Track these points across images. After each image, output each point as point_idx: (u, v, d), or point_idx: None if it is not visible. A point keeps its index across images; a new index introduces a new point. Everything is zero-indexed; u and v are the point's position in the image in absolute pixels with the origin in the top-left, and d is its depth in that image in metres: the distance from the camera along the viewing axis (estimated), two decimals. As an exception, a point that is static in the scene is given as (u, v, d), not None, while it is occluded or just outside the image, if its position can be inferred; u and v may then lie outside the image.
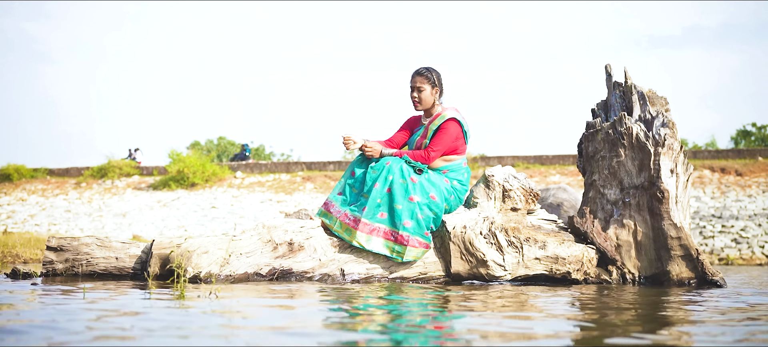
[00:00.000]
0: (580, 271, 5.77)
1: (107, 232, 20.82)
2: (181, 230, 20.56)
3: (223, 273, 5.10)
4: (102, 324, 2.83)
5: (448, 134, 5.75)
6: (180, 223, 21.38)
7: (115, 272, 5.26)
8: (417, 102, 5.81)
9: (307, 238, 5.43)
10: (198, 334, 2.62)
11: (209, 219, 21.58)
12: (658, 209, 5.81)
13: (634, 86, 6.15)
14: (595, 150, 6.11)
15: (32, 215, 23.46)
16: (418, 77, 5.81)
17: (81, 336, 2.52)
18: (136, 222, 21.77)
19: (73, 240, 5.28)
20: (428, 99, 5.80)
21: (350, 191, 5.65)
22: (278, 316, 3.26)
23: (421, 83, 5.78)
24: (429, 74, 5.80)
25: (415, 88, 5.79)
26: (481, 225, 5.62)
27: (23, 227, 21.91)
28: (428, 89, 5.78)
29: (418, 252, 5.50)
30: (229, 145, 39.52)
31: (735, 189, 19.72)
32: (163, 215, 22.32)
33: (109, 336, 2.55)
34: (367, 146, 5.67)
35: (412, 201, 5.51)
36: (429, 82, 5.78)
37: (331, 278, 5.41)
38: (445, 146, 5.74)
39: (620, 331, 2.99)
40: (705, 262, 5.77)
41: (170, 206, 23.40)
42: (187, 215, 22.16)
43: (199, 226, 20.91)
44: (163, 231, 20.56)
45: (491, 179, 5.84)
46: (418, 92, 5.80)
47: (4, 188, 26.72)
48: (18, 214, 23.69)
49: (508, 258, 5.62)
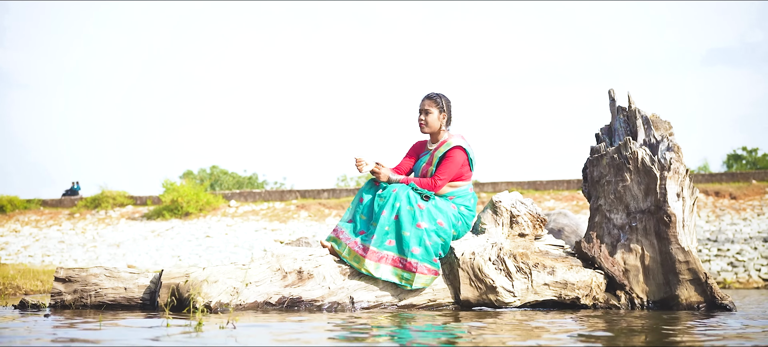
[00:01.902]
0: (588, 296, 5.76)
1: (101, 262, 20.71)
2: (175, 260, 20.47)
3: (234, 302, 5.07)
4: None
5: (454, 162, 5.75)
6: (174, 253, 21.30)
7: (123, 302, 5.22)
8: (423, 125, 5.83)
9: (316, 266, 5.41)
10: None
11: (204, 248, 21.51)
12: (665, 233, 5.81)
13: (638, 111, 6.17)
14: (601, 175, 6.11)
15: (26, 247, 23.35)
16: (427, 101, 5.83)
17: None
18: (130, 252, 21.68)
19: (82, 271, 5.25)
20: (435, 123, 5.81)
21: (359, 218, 5.64)
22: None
23: (429, 106, 5.80)
24: (438, 99, 5.82)
25: (423, 110, 5.82)
26: (490, 251, 5.61)
27: (17, 258, 21.80)
28: (436, 113, 5.80)
29: (427, 279, 5.48)
30: (222, 174, 39.45)
31: (730, 212, 19.79)
32: (158, 245, 22.25)
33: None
34: (378, 169, 5.68)
35: (420, 228, 5.50)
36: (437, 107, 5.80)
37: (341, 306, 5.39)
38: (452, 174, 5.75)
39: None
40: (714, 286, 5.76)
41: (164, 235, 23.32)
42: (181, 245, 22.09)
43: (194, 255, 20.84)
44: (157, 261, 20.47)
45: (499, 205, 5.84)
46: (425, 115, 5.81)
47: (-2, 220, 26.63)
48: (11, 245, 23.58)
49: (517, 284, 5.61)
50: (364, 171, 5.67)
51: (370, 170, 5.68)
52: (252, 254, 11.17)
